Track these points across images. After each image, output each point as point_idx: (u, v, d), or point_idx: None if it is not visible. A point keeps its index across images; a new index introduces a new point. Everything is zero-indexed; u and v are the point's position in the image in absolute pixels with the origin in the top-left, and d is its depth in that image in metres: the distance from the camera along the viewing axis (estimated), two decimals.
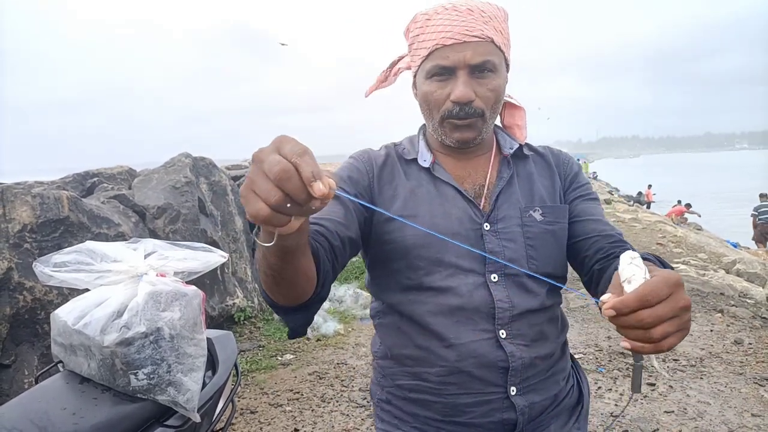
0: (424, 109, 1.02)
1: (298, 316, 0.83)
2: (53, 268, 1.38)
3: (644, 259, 0.88)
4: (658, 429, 2.76)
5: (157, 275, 1.42)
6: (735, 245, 11.52)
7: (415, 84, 1.05)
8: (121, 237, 3.08)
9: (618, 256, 0.92)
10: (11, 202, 2.68)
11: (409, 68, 1.07)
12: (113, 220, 3.15)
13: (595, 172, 40.44)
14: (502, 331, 0.96)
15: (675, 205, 16.70)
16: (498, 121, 1.12)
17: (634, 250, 0.94)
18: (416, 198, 1.01)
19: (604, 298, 0.65)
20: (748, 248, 11.95)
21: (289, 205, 0.51)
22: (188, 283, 1.48)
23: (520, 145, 1.09)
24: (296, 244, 0.66)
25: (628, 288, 0.63)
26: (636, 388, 0.82)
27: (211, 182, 4.54)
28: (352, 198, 0.75)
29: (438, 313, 0.97)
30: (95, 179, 3.87)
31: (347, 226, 0.91)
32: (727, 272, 6.66)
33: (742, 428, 2.74)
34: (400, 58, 1.11)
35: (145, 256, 1.48)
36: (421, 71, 1.00)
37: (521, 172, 1.07)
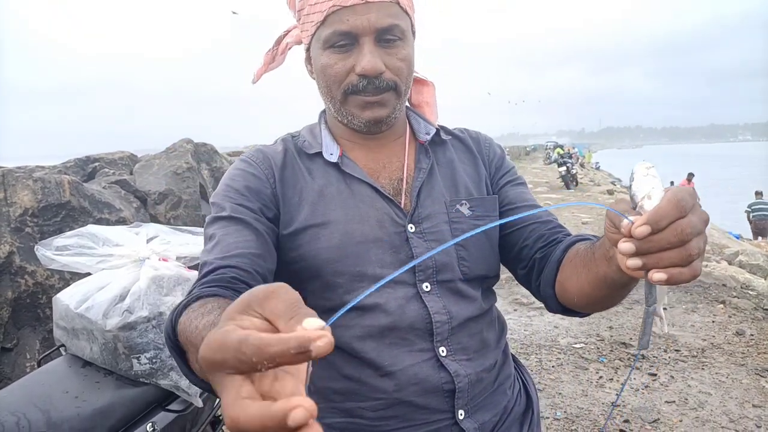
0: (322, 86, 0.86)
1: None
2: (55, 252, 1.37)
3: (585, 239, 0.81)
4: (658, 418, 2.76)
5: (159, 260, 1.41)
6: (737, 237, 11.51)
7: (309, 59, 0.89)
8: (122, 222, 3.07)
9: (560, 240, 0.86)
10: (12, 186, 2.67)
11: (299, 42, 0.92)
12: (114, 205, 3.14)
13: (597, 163, 40.32)
14: (442, 348, 0.84)
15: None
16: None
17: (570, 235, 0.87)
18: (326, 201, 0.86)
19: (625, 222, 0.54)
20: (750, 240, 11.94)
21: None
22: (190, 268, 1.47)
23: (437, 129, 0.96)
24: None
25: (650, 204, 0.53)
26: (646, 343, 0.65)
27: (212, 168, 4.52)
28: None
29: (366, 336, 0.83)
30: (96, 164, 3.85)
31: (264, 256, 0.77)
32: (730, 263, 6.65)
33: (743, 419, 2.74)
34: (287, 33, 0.96)
35: (148, 241, 1.47)
36: (315, 42, 0.84)
37: (441, 160, 0.94)
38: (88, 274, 1.39)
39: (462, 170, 0.95)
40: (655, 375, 3.26)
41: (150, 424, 1.25)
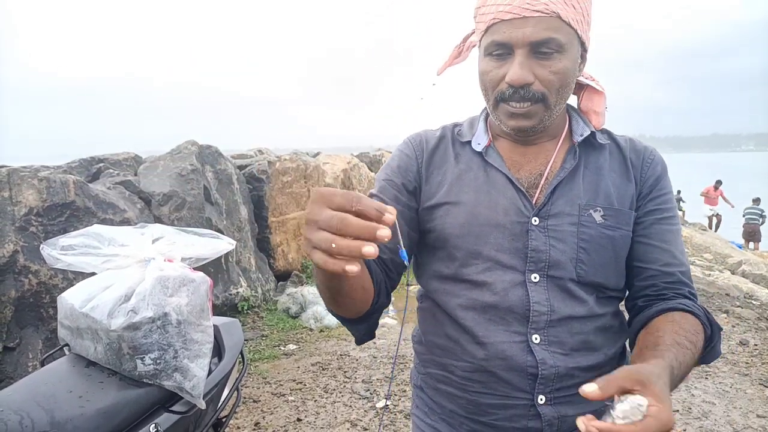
0: (481, 88, 0.93)
1: (360, 326, 0.89)
2: (60, 251, 1.37)
3: (692, 313, 0.84)
4: None
5: (164, 260, 1.41)
6: (740, 246, 11.49)
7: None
8: (126, 223, 3.07)
9: (668, 299, 0.89)
10: (18, 185, 2.67)
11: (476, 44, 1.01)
12: (119, 206, 3.14)
13: None
14: (536, 335, 0.88)
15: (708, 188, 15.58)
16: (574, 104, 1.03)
17: (690, 297, 0.89)
18: (462, 183, 0.95)
19: (588, 388, 0.64)
20: (753, 250, 11.93)
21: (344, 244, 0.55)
22: (195, 269, 1.47)
23: (593, 131, 0.96)
24: None
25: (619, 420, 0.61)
26: None
27: (216, 170, 4.52)
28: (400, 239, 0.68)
29: (469, 307, 0.92)
30: (101, 165, 3.86)
31: (394, 231, 0.88)
32: (733, 273, 6.63)
33: (747, 429, 2.72)
34: (474, 32, 1.01)
35: (153, 241, 1.47)
36: (480, 47, 0.92)
37: (590, 164, 0.95)
38: (93, 273, 1.39)
39: (609, 178, 0.94)
40: None
41: (153, 425, 1.25)
